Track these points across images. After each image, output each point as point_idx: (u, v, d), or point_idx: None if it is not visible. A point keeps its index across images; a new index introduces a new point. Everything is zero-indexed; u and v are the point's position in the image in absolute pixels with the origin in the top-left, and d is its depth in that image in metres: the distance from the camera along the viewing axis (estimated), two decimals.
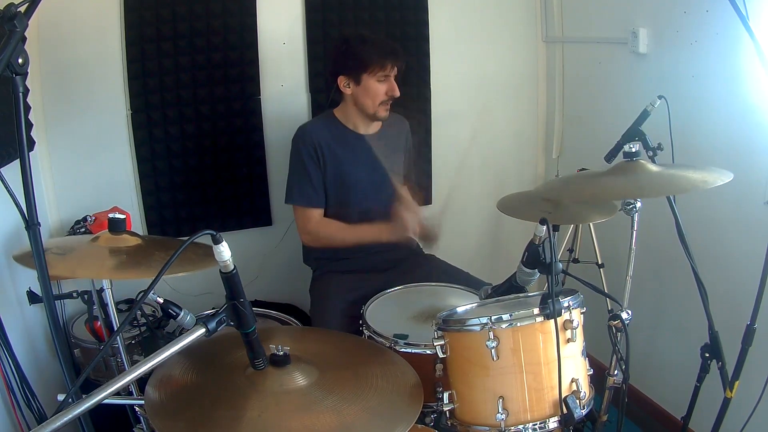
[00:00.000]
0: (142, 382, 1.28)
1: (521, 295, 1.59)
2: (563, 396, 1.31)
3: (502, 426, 1.32)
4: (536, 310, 1.33)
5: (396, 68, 2.15)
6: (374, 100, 2.16)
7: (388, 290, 2.04)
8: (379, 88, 2.14)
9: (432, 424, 1.64)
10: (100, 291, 1.80)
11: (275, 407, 1.21)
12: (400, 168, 2.37)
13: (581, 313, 1.42)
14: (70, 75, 2.33)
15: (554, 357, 1.31)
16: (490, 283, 2.17)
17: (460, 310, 1.56)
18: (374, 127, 2.29)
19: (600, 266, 2.38)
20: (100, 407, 0.97)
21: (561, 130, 2.98)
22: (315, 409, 1.22)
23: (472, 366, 1.37)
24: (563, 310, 1.34)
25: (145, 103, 2.42)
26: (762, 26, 1.83)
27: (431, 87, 2.79)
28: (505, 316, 1.33)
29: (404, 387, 1.35)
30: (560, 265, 1.43)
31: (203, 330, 1.09)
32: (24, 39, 0.98)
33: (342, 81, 2.18)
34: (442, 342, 1.42)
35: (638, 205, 1.79)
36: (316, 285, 2.32)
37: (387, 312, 1.92)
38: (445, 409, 1.40)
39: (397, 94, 2.16)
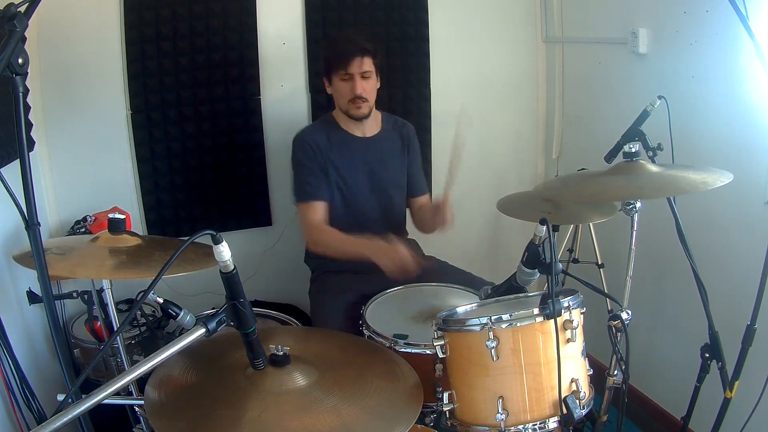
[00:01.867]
0: (141, 382, 1.28)
1: (521, 295, 1.59)
2: (563, 396, 1.31)
3: (502, 426, 1.32)
4: (536, 310, 1.33)
5: (360, 67, 2.09)
6: (343, 99, 2.16)
7: (388, 290, 2.04)
8: (344, 87, 2.13)
9: (432, 424, 1.65)
10: (100, 291, 1.80)
11: (275, 407, 1.21)
12: (402, 172, 2.35)
13: (581, 313, 1.42)
14: (70, 75, 2.33)
15: (554, 357, 1.31)
16: (490, 283, 2.17)
17: (460, 310, 1.56)
18: (372, 130, 2.28)
19: (600, 266, 2.38)
20: (99, 407, 0.97)
21: (561, 131, 2.98)
22: (315, 409, 1.22)
23: (472, 366, 1.36)
24: (563, 310, 1.34)
25: (144, 103, 2.42)
26: (762, 26, 1.83)
27: (431, 87, 2.79)
28: (505, 317, 1.33)
29: (404, 387, 1.35)
30: (560, 265, 1.43)
31: (203, 330, 1.09)
32: (24, 39, 0.98)
33: (325, 82, 2.21)
34: (442, 342, 1.42)
35: (638, 205, 1.79)
36: (316, 285, 2.32)
37: (387, 312, 1.91)
38: (444, 409, 1.40)
39: (357, 93, 2.11)
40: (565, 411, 1.31)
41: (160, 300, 1.26)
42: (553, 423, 1.32)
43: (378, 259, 1.94)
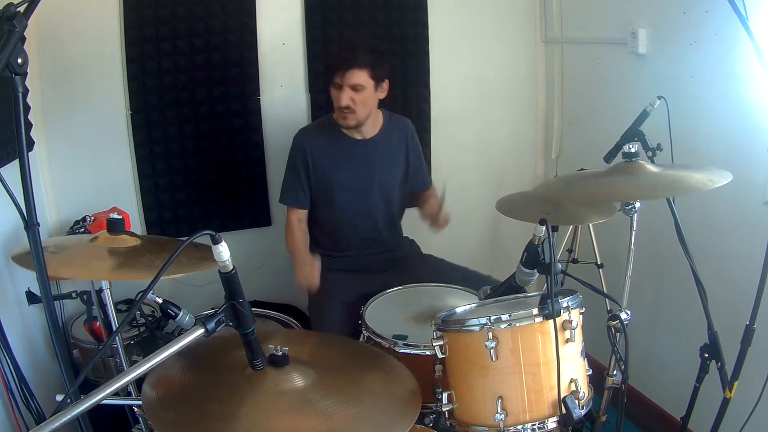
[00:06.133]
0: (140, 382, 1.28)
1: (520, 295, 1.59)
2: (562, 396, 1.31)
3: (501, 426, 1.32)
4: (535, 311, 1.33)
5: (348, 80, 2.05)
6: (334, 107, 2.16)
7: (388, 290, 2.04)
8: (334, 94, 2.13)
9: (431, 424, 1.64)
10: (99, 291, 1.80)
11: (265, 406, 1.21)
12: (401, 170, 2.35)
13: (580, 314, 1.42)
14: (70, 75, 2.33)
15: (553, 357, 1.31)
16: (488, 276, 2.17)
17: (459, 310, 1.56)
18: (371, 131, 2.27)
19: (599, 266, 2.38)
20: (98, 407, 0.97)
21: (560, 131, 2.98)
22: (305, 411, 1.22)
23: (471, 366, 1.36)
24: (562, 311, 1.34)
25: (144, 103, 2.42)
26: (761, 27, 1.83)
27: (430, 87, 2.79)
28: (504, 317, 1.33)
29: (401, 394, 1.34)
30: (559, 266, 1.43)
31: (202, 330, 1.09)
32: (23, 39, 0.98)
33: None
34: (442, 342, 1.42)
35: (637, 205, 1.79)
36: None
37: (386, 312, 1.92)
38: (444, 409, 1.40)
39: (342, 104, 2.09)
40: (564, 411, 1.31)
41: (159, 300, 1.26)
42: (552, 423, 1.32)
43: (296, 271, 2.16)
